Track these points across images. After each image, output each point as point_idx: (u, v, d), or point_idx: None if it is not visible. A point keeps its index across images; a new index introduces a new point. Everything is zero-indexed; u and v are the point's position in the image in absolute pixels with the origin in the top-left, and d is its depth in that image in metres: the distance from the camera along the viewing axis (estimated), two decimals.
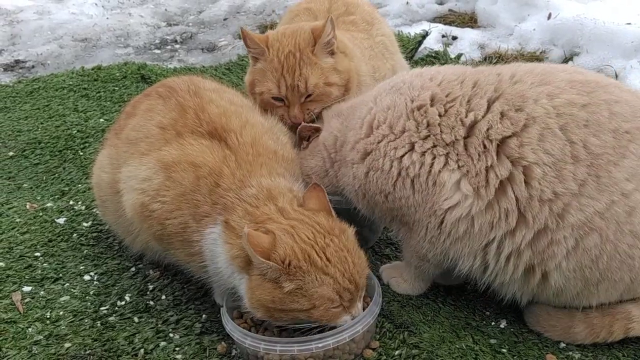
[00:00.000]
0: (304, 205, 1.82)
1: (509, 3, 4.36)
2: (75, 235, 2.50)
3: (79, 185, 2.84)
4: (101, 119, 3.43)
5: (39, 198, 2.75)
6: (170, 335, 1.99)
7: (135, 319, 2.06)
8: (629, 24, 3.71)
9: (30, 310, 2.10)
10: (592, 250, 1.71)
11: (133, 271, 2.29)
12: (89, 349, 1.93)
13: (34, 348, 1.94)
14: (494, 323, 2.00)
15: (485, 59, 3.86)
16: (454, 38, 4.19)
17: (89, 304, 2.13)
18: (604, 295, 1.80)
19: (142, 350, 1.93)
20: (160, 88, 2.17)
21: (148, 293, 2.18)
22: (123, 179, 1.99)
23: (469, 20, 4.52)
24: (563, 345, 1.88)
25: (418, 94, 1.89)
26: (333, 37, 2.33)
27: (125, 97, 3.61)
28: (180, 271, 2.14)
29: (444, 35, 4.22)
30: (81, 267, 2.31)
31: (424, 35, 4.06)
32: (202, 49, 4.64)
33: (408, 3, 4.77)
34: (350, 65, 2.40)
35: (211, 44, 4.70)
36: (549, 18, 4.05)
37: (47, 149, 3.15)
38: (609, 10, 3.97)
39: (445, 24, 4.47)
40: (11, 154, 3.13)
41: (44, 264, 2.33)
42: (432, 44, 4.09)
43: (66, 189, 2.82)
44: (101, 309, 2.11)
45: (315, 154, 2.14)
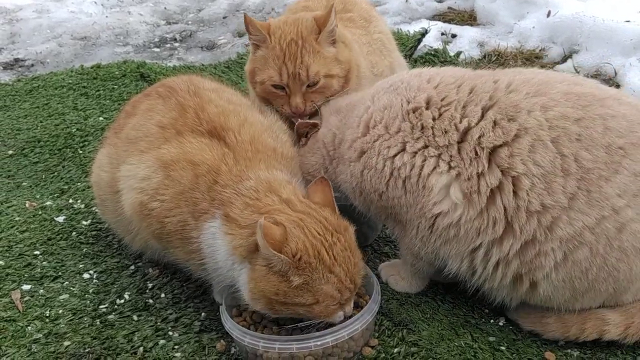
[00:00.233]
0: (309, 198, 1.82)
1: (509, 1, 4.35)
2: (74, 233, 2.50)
3: (79, 183, 2.84)
4: (100, 118, 3.43)
5: (38, 196, 2.75)
6: (170, 333, 1.99)
7: (135, 317, 2.06)
8: (628, 21, 3.70)
9: (30, 308, 2.11)
10: (583, 263, 1.71)
11: (132, 269, 2.29)
12: (88, 347, 1.94)
13: (33, 346, 1.95)
14: (492, 321, 2.00)
15: (484, 57, 3.86)
16: (453, 36, 4.18)
17: (88, 302, 2.13)
18: (587, 302, 1.82)
19: (142, 348, 1.93)
20: (160, 88, 2.17)
21: (147, 291, 2.18)
22: (122, 178, 1.99)
23: (468, 18, 4.52)
24: (562, 343, 1.88)
25: (414, 96, 1.89)
26: (335, 26, 2.30)
27: (124, 96, 3.61)
28: (179, 269, 2.14)
29: (443, 33, 4.22)
30: (80, 266, 2.32)
31: (423, 33, 4.06)
32: (202, 47, 4.64)
33: (407, 1, 4.76)
34: (351, 55, 2.38)
35: (210, 42, 4.70)
36: (548, 16, 4.05)
37: (47, 147, 3.15)
38: (608, 7, 3.97)
39: (445, 21, 4.47)
40: (10, 152, 3.13)
41: (44, 263, 2.33)
42: (432, 41, 4.09)
43: (65, 187, 2.82)
44: (100, 307, 2.11)
45: (314, 151, 2.15)
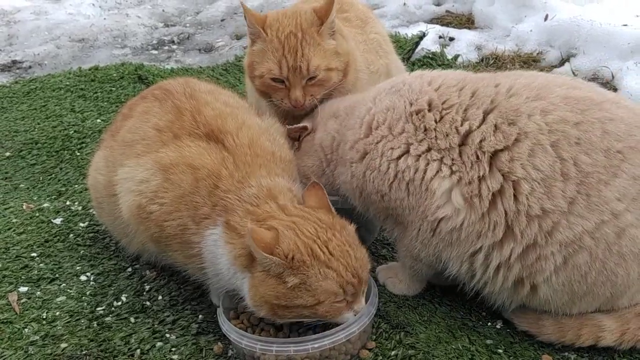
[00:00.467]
0: (304, 203, 1.82)
1: (506, 4, 4.36)
2: (71, 235, 2.50)
3: (76, 185, 2.84)
4: (98, 120, 3.42)
5: (35, 198, 2.75)
6: (167, 335, 1.99)
7: (132, 320, 2.06)
8: (625, 25, 3.71)
9: (27, 310, 2.10)
10: (582, 267, 1.72)
11: (129, 272, 2.29)
12: (85, 350, 1.93)
13: (30, 348, 1.94)
14: (490, 323, 2.00)
15: (482, 60, 3.86)
16: (451, 39, 4.18)
17: (86, 304, 2.13)
18: (584, 306, 1.82)
19: (139, 350, 1.93)
20: (156, 90, 2.17)
21: (144, 293, 2.18)
22: (119, 181, 1.99)
23: (466, 22, 4.52)
24: (559, 346, 1.88)
25: (416, 98, 1.89)
26: (335, 17, 2.27)
27: (122, 98, 3.61)
28: (176, 272, 2.13)
29: (441, 37, 4.22)
30: (78, 268, 2.31)
31: (421, 37, 4.06)
32: (200, 50, 4.64)
33: (405, 4, 4.77)
34: (349, 48, 2.35)
35: (208, 45, 4.70)
36: (545, 19, 4.06)
37: (44, 149, 3.15)
38: (606, 11, 3.98)
39: (443, 25, 4.47)
40: (8, 154, 3.13)
41: (41, 265, 2.33)
42: (430, 45, 4.09)
43: (63, 189, 2.82)
44: (97, 309, 2.10)
45: (311, 154, 2.15)
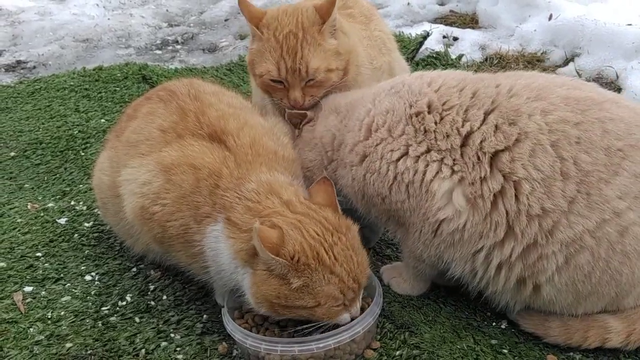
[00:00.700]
0: (311, 198, 1.81)
1: (510, 4, 4.36)
2: (76, 235, 2.50)
3: (80, 185, 2.84)
4: (102, 120, 3.43)
5: (40, 198, 2.75)
6: (172, 335, 1.99)
7: (137, 319, 2.06)
8: (629, 25, 3.70)
9: (32, 310, 2.11)
10: (585, 267, 1.72)
11: (134, 271, 2.29)
12: (90, 349, 1.94)
13: (35, 348, 1.94)
14: (495, 323, 2.00)
15: (486, 60, 3.86)
16: (455, 39, 4.18)
17: (90, 304, 2.13)
18: (590, 306, 1.82)
19: (143, 350, 1.93)
20: (161, 91, 2.17)
21: (149, 293, 2.18)
22: (123, 182, 1.99)
23: (470, 21, 4.52)
24: (564, 346, 1.87)
25: (416, 100, 1.89)
26: (336, 14, 2.22)
27: (126, 98, 3.61)
28: (181, 272, 2.13)
29: (445, 36, 4.22)
30: (82, 268, 2.32)
31: (425, 36, 4.06)
32: (203, 50, 4.64)
33: (409, 4, 4.76)
34: (350, 45, 2.30)
35: (212, 45, 4.70)
36: (549, 19, 4.05)
37: (49, 149, 3.16)
38: (610, 11, 3.96)
39: (447, 24, 4.46)
40: (12, 154, 3.13)
41: (45, 264, 2.33)
42: (433, 44, 4.08)
43: (67, 189, 2.82)
44: (102, 309, 2.11)
45: (312, 147, 2.14)
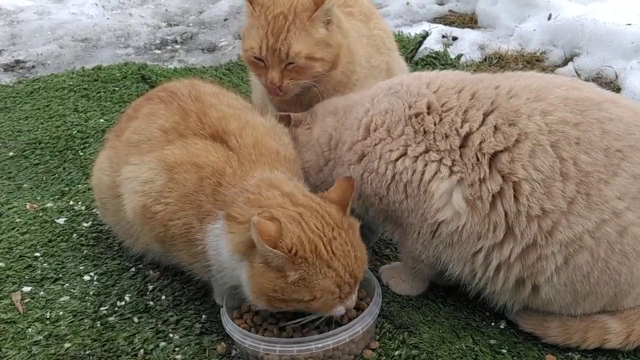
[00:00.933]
0: (327, 191, 1.81)
1: (509, 4, 4.35)
2: (75, 235, 2.50)
3: (79, 185, 2.84)
4: (101, 119, 3.42)
5: (39, 198, 2.75)
6: (170, 335, 1.99)
7: (135, 319, 2.06)
8: (629, 24, 3.70)
9: (30, 310, 2.11)
10: (584, 267, 1.72)
11: (133, 271, 2.29)
12: (88, 349, 1.93)
13: (33, 348, 1.94)
14: (494, 323, 2.00)
15: (485, 60, 3.86)
16: (454, 39, 4.18)
17: (89, 304, 2.13)
18: (588, 306, 1.82)
19: (142, 350, 1.93)
20: (161, 92, 2.17)
21: (148, 293, 2.18)
22: (123, 181, 1.99)
23: (469, 21, 4.52)
24: (562, 346, 1.87)
25: (415, 101, 1.89)
26: (333, 6, 2.20)
27: (125, 98, 3.61)
28: (180, 271, 2.13)
29: (444, 36, 4.22)
30: (81, 268, 2.31)
31: (424, 36, 4.05)
32: (203, 50, 4.64)
33: (408, 3, 4.76)
34: (342, 40, 2.27)
35: (211, 45, 4.70)
36: (549, 19, 4.05)
37: (47, 149, 3.15)
38: (609, 10, 3.96)
39: (446, 24, 4.46)
40: (11, 154, 3.13)
41: (44, 264, 2.33)
42: (433, 44, 4.08)
43: (66, 189, 2.82)
44: (101, 309, 2.11)
45: (309, 148, 2.13)
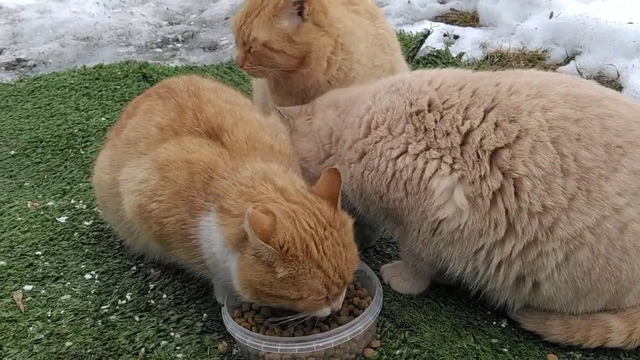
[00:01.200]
0: (314, 187, 1.79)
1: (511, 2, 4.34)
2: (76, 234, 2.50)
3: (80, 184, 2.84)
4: (103, 118, 3.42)
5: (40, 197, 2.75)
6: (171, 334, 1.99)
7: (136, 318, 2.06)
8: (631, 23, 3.69)
9: (31, 309, 2.11)
10: (584, 264, 1.71)
11: (134, 270, 2.29)
12: (89, 348, 1.93)
13: (34, 347, 1.94)
14: (495, 322, 1.99)
15: (486, 58, 3.85)
16: (456, 37, 4.17)
17: (90, 302, 2.13)
18: (590, 304, 1.82)
19: (143, 349, 1.93)
20: (160, 89, 2.17)
21: (149, 292, 2.18)
22: (121, 181, 1.99)
23: (471, 19, 4.51)
24: (565, 345, 1.87)
25: (416, 98, 1.88)
26: (309, 3, 2.17)
27: (126, 96, 3.61)
28: (181, 270, 2.14)
29: (445, 34, 4.21)
30: (82, 266, 2.31)
31: (426, 34, 4.04)
32: (204, 48, 4.64)
33: (410, 2, 4.75)
34: (320, 41, 2.23)
35: (213, 43, 4.70)
36: (550, 17, 4.04)
37: (49, 147, 3.15)
38: (611, 9, 3.95)
39: (447, 23, 4.46)
40: (13, 152, 3.13)
41: (45, 263, 2.33)
42: (434, 43, 4.07)
43: (67, 187, 2.82)
44: (102, 307, 2.11)
45: (310, 138, 2.12)
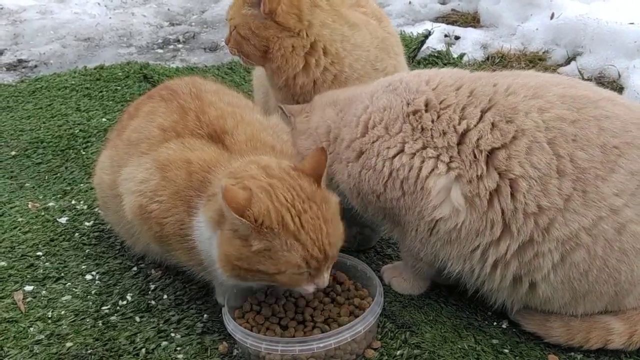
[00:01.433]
0: (300, 163, 1.79)
1: (512, 3, 4.34)
2: (77, 234, 2.50)
3: (81, 184, 2.84)
4: (103, 119, 3.43)
5: (41, 197, 2.75)
6: (172, 334, 1.99)
7: (137, 319, 2.06)
8: (632, 23, 3.68)
9: (32, 309, 2.11)
10: (581, 265, 1.71)
11: (135, 271, 2.29)
12: (90, 349, 1.93)
13: (35, 347, 1.94)
14: (496, 323, 1.99)
15: (487, 59, 3.85)
16: (457, 38, 4.17)
17: (91, 303, 2.13)
18: (589, 305, 1.81)
19: (144, 349, 1.93)
20: (162, 90, 2.17)
21: (150, 293, 2.18)
22: (122, 181, 2.00)
23: (472, 20, 4.51)
24: (565, 346, 1.87)
25: (414, 98, 1.88)
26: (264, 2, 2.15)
27: (127, 97, 3.61)
28: (182, 271, 2.13)
29: (446, 35, 4.21)
30: (83, 267, 2.31)
31: (427, 35, 4.05)
32: (205, 49, 4.64)
33: (410, 3, 4.75)
34: (284, 40, 2.21)
35: (214, 44, 4.70)
36: (551, 18, 4.04)
37: (50, 148, 3.15)
38: (612, 10, 3.95)
39: (448, 23, 4.46)
40: (13, 153, 3.13)
41: (46, 264, 2.33)
42: (435, 43, 4.08)
43: (68, 188, 2.82)
44: (103, 308, 2.11)
45: (307, 137, 2.12)
